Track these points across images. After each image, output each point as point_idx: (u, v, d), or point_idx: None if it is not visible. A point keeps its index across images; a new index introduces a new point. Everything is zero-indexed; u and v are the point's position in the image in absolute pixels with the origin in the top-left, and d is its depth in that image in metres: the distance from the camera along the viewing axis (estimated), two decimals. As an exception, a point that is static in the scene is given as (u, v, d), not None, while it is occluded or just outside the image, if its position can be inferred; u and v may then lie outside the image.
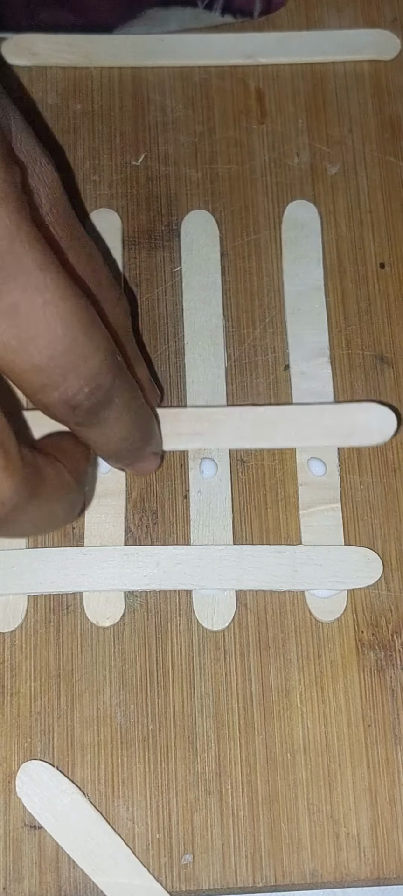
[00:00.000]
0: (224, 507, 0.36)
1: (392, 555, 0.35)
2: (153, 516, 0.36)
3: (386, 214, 0.40)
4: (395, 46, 0.43)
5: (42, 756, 0.33)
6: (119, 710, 0.34)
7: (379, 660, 0.34)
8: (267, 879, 0.32)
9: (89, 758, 0.33)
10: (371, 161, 0.41)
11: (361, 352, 0.38)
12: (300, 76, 0.43)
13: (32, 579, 0.35)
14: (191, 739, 0.33)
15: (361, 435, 0.36)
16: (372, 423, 0.36)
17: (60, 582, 0.35)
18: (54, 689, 0.34)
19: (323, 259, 0.39)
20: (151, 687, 0.34)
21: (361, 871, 0.32)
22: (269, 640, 0.34)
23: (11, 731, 0.34)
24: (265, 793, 0.33)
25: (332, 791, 0.33)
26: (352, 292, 0.39)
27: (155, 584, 0.35)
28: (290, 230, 0.40)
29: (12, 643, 0.34)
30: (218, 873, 0.32)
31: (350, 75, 0.43)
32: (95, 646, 0.34)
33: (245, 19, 0.43)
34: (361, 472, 0.36)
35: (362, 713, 0.34)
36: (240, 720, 0.34)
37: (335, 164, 0.41)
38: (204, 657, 0.34)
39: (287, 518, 0.36)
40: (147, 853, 0.32)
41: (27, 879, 0.32)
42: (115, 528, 0.36)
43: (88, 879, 0.32)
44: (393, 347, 0.38)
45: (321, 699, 0.34)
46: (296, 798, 0.33)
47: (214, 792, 0.33)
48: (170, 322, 0.38)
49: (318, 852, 0.32)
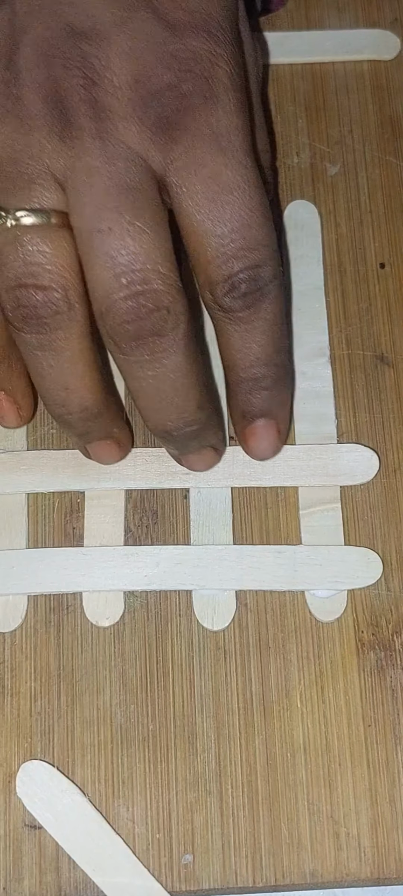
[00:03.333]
0: (224, 507, 0.36)
1: (392, 555, 0.35)
2: (153, 516, 0.36)
3: (386, 214, 0.40)
4: (395, 46, 0.43)
5: (42, 756, 0.33)
6: (119, 710, 0.34)
7: (379, 660, 0.34)
8: (267, 879, 0.32)
9: (89, 758, 0.33)
10: (371, 161, 0.41)
11: (361, 352, 0.38)
12: (300, 76, 0.43)
13: (32, 579, 0.35)
14: (191, 739, 0.33)
15: (346, 475, 0.36)
16: (356, 464, 0.36)
17: (60, 582, 0.35)
18: (54, 690, 0.34)
19: (323, 259, 0.39)
20: (151, 687, 0.34)
21: (361, 871, 0.32)
22: (269, 640, 0.34)
23: (11, 731, 0.34)
24: (265, 793, 0.33)
25: (332, 791, 0.33)
26: (352, 292, 0.39)
27: (155, 584, 0.35)
28: (290, 230, 0.40)
29: (12, 643, 0.34)
30: (218, 873, 0.32)
31: (350, 75, 0.43)
32: (95, 646, 0.34)
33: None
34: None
35: (362, 713, 0.34)
36: (240, 720, 0.34)
37: (335, 164, 0.41)
38: (204, 657, 0.34)
39: (287, 518, 0.36)
40: (147, 853, 0.32)
41: (27, 879, 0.32)
42: (115, 528, 0.36)
43: (88, 879, 0.32)
44: (393, 347, 0.38)
45: (321, 699, 0.34)
46: (296, 798, 0.33)
47: (214, 792, 0.33)
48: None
49: (318, 852, 0.32)
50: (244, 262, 0.29)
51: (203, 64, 0.29)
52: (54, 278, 0.29)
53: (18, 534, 0.36)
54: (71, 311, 0.30)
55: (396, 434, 0.37)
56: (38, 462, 0.36)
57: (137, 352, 0.30)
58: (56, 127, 0.29)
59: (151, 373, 0.30)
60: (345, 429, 0.37)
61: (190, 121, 0.29)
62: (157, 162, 0.29)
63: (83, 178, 0.29)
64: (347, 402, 0.37)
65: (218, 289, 0.30)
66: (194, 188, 0.29)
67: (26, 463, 0.36)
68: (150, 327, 0.29)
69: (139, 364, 0.30)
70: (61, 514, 0.36)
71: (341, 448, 0.36)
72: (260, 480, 0.36)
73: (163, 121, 0.29)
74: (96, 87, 0.29)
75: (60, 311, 0.29)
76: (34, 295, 0.29)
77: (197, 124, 0.29)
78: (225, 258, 0.29)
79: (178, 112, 0.29)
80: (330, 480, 0.36)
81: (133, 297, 0.29)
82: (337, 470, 0.36)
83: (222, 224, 0.29)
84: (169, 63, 0.29)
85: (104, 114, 0.29)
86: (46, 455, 0.36)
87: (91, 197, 0.29)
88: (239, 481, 0.36)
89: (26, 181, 0.29)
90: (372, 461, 0.36)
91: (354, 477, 0.36)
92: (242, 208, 0.29)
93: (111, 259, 0.28)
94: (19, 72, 0.29)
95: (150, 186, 0.29)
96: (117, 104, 0.29)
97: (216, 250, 0.29)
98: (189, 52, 0.29)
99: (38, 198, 0.29)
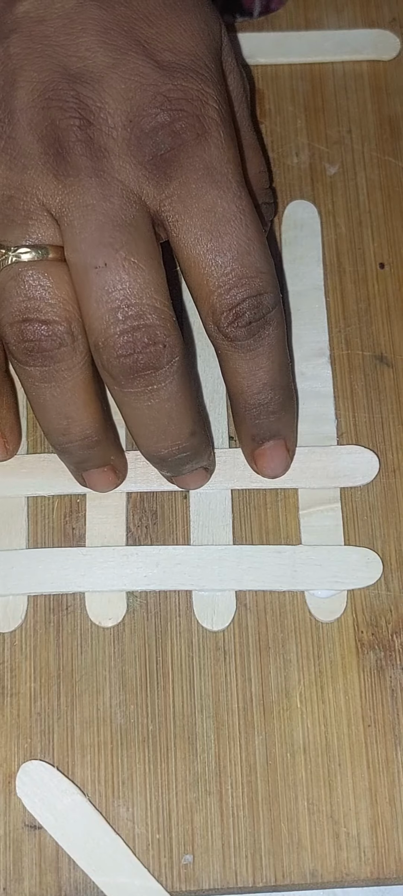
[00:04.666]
0: (223, 508, 0.36)
1: (392, 555, 0.35)
2: (153, 516, 0.36)
3: (386, 214, 0.40)
4: (394, 46, 0.43)
5: (42, 756, 0.33)
6: (119, 711, 0.34)
7: (379, 660, 0.34)
8: (267, 879, 0.32)
9: (89, 758, 0.33)
10: (371, 161, 0.41)
11: (361, 352, 0.38)
12: (299, 76, 0.43)
13: (32, 579, 0.35)
14: (191, 739, 0.33)
15: (346, 477, 0.36)
16: (357, 466, 0.36)
17: (60, 582, 0.35)
18: (54, 690, 0.34)
19: (323, 259, 0.39)
20: (151, 687, 0.34)
21: (361, 871, 0.32)
22: (269, 641, 0.34)
23: (11, 732, 0.34)
24: (265, 793, 0.33)
25: (332, 791, 0.33)
26: (352, 292, 0.39)
27: (154, 584, 0.35)
28: (290, 230, 0.40)
29: (12, 643, 0.34)
30: (218, 873, 0.32)
31: (350, 75, 0.43)
32: (95, 646, 0.34)
33: (244, 19, 0.43)
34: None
35: (362, 713, 0.34)
36: (240, 720, 0.34)
37: (334, 164, 0.41)
38: (204, 657, 0.34)
39: (287, 518, 0.36)
40: (147, 853, 0.32)
41: (27, 879, 0.32)
42: (116, 528, 0.36)
43: (88, 879, 0.32)
44: (393, 347, 0.38)
45: (321, 699, 0.34)
46: (296, 798, 0.33)
47: (214, 792, 0.33)
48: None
49: (318, 852, 0.32)
50: (247, 291, 0.30)
51: (193, 103, 0.30)
52: (57, 311, 0.30)
53: (18, 534, 0.36)
54: (74, 342, 0.30)
55: (396, 434, 0.37)
56: (39, 465, 0.36)
57: (133, 384, 0.30)
58: (51, 164, 0.29)
59: (147, 403, 0.31)
60: (345, 429, 0.37)
61: (183, 157, 0.30)
62: (152, 198, 0.30)
63: (78, 215, 0.29)
64: (347, 402, 0.37)
65: (223, 319, 0.30)
66: (191, 221, 0.30)
67: (26, 466, 0.36)
68: (146, 361, 0.30)
69: (135, 396, 0.31)
70: (61, 514, 0.36)
71: (341, 450, 0.36)
72: (261, 483, 0.36)
73: (158, 158, 0.30)
74: (92, 127, 0.30)
75: (64, 343, 0.30)
76: (39, 328, 0.30)
77: (190, 160, 0.30)
78: (227, 287, 0.30)
79: (172, 149, 0.30)
80: (330, 482, 0.36)
81: (129, 331, 0.29)
82: (338, 472, 0.36)
83: (221, 254, 0.30)
84: (161, 103, 0.30)
85: (100, 153, 0.30)
86: (46, 458, 0.36)
87: (87, 233, 0.29)
88: (239, 483, 0.36)
89: (23, 217, 0.30)
90: (372, 463, 0.36)
91: (354, 479, 0.36)
92: (240, 237, 0.30)
93: (107, 294, 0.29)
94: (14, 112, 0.30)
95: (145, 223, 0.30)
96: (112, 143, 0.30)
97: (217, 280, 0.30)
98: (179, 91, 0.30)
99: (36, 233, 0.30)
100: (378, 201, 0.40)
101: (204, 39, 0.32)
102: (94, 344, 0.30)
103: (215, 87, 0.31)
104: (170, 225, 0.30)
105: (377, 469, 0.36)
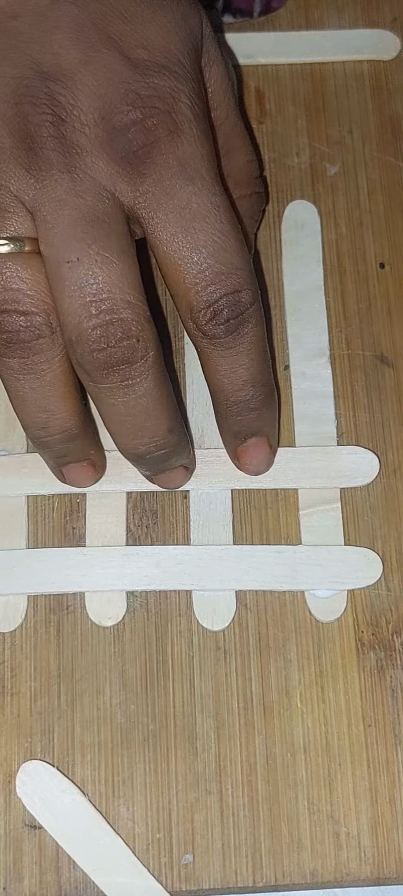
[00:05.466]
0: (224, 508, 0.36)
1: (392, 555, 0.35)
2: (153, 516, 0.36)
3: (386, 214, 0.40)
4: (395, 46, 0.43)
5: (42, 756, 0.33)
6: (119, 710, 0.34)
7: (379, 660, 0.34)
8: (267, 879, 0.32)
9: (89, 758, 0.33)
10: (371, 161, 0.41)
11: (361, 352, 0.38)
12: (299, 76, 0.43)
13: (33, 579, 0.35)
14: (191, 739, 0.33)
15: (347, 478, 0.36)
16: (357, 466, 0.36)
17: (60, 582, 0.35)
18: (54, 689, 0.34)
19: (323, 259, 0.39)
20: (151, 687, 0.34)
21: (361, 871, 0.32)
22: (269, 640, 0.34)
23: (11, 731, 0.34)
24: (265, 793, 0.33)
25: (332, 791, 0.33)
26: (352, 292, 0.39)
27: (155, 584, 0.35)
28: (290, 230, 0.40)
29: (12, 643, 0.34)
30: (219, 873, 0.32)
31: (350, 75, 0.43)
32: (95, 646, 0.34)
33: (244, 19, 0.43)
34: (361, 472, 0.36)
35: (362, 713, 0.34)
36: (240, 720, 0.34)
37: (334, 164, 0.41)
38: (204, 657, 0.34)
39: (287, 518, 0.36)
40: (147, 853, 0.32)
41: (27, 879, 0.32)
42: (116, 528, 0.36)
43: (88, 879, 0.32)
44: (393, 348, 0.38)
45: (321, 699, 0.34)
46: (296, 798, 0.33)
47: (214, 792, 0.33)
48: (170, 321, 0.38)
49: (318, 852, 0.32)
50: (224, 288, 0.30)
51: (166, 100, 0.30)
52: (35, 303, 0.30)
53: (18, 534, 0.36)
54: (53, 334, 0.30)
55: (396, 434, 0.37)
56: (39, 465, 0.36)
57: (108, 379, 0.30)
58: (23, 159, 0.29)
59: (122, 399, 0.31)
60: (345, 429, 0.37)
61: (156, 154, 0.30)
62: (126, 195, 0.30)
63: (51, 209, 0.29)
64: (347, 402, 0.37)
65: (201, 316, 0.30)
66: (166, 218, 0.30)
67: (27, 466, 0.36)
68: (120, 355, 0.30)
69: (109, 391, 0.30)
70: (61, 514, 0.36)
71: (341, 450, 0.36)
72: (261, 483, 0.36)
73: (131, 155, 0.30)
74: (64, 124, 0.30)
75: (43, 334, 0.30)
76: (17, 319, 0.30)
77: (164, 157, 0.30)
78: (204, 285, 0.30)
79: (145, 146, 0.30)
80: (330, 483, 0.36)
81: (102, 325, 0.29)
82: (338, 472, 0.36)
83: (197, 251, 0.30)
84: (133, 100, 0.30)
85: (72, 149, 0.30)
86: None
87: (59, 228, 0.29)
88: (239, 483, 0.36)
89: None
90: (373, 463, 0.36)
91: (355, 479, 0.36)
92: (215, 233, 0.30)
93: (80, 289, 0.29)
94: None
95: (118, 218, 0.30)
96: (85, 140, 0.30)
97: (194, 277, 0.30)
98: (151, 89, 0.30)
99: (12, 226, 0.30)
100: (379, 201, 0.40)
101: (179, 35, 0.31)
102: (68, 339, 0.30)
103: (188, 84, 0.31)
104: (144, 222, 0.30)
105: (377, 469, 0.36)
